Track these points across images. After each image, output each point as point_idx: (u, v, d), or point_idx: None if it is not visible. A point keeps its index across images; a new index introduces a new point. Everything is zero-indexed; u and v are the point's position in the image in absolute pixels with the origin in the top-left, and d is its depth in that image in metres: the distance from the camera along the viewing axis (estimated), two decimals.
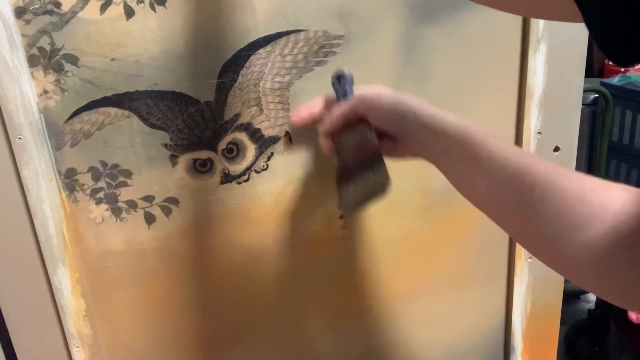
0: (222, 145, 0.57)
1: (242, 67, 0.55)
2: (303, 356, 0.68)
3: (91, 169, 0.55)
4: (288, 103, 0.57)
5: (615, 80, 1.88)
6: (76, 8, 0.49)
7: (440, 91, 0.62)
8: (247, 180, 0.59)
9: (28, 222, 0.54)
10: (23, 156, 0.52)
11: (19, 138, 0.51)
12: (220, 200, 0.59)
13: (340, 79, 0.54)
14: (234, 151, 0.57)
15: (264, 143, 0.58)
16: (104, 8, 0.50)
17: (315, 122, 0.56)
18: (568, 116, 0.66)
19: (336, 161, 0.54)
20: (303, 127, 0.57)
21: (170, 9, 0.51)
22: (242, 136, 0.57)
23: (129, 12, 0.51)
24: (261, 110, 0.57)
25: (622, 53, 0.26)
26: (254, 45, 0.54)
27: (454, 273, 0.70)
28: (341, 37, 0.57)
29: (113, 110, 0.53)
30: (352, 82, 0.54)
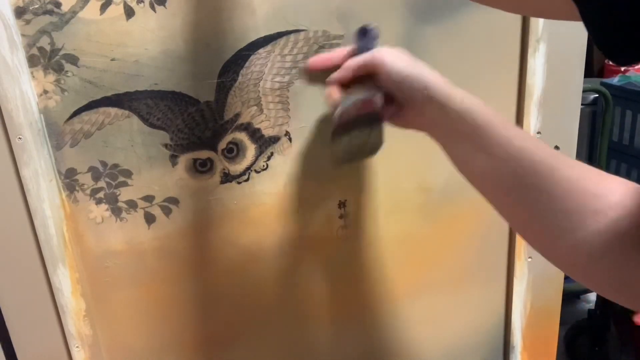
0: (222, 145, 0.57)
1: (242, 67, 0.55)
2: (303, 356, 0.68)
3: (91, 169, 0.55)
4: (288, 103, 0.57)
5: (615, 80, 1.88)
6: (76, 8, 0.49)
7: None
8: (247, 180, 0.59)
9: (28, 222, 0.54)
10: (23, 156, 0.52)
11: (19, 138, 0.51)
12: (220, 200, 0.59)
13: (364, 33, 0.53)
14: (234, 151, 0.57)
15: (264, 143, 0.58)
16: (104, 8, 0.50)
17: (330, 69, 0.54)
18: (568, 116, 0.66)
19: (337, 112, 0.53)
20: (314, 70, 0.54)
21: (170, 9, 0.51)
22: (242, 136, 0.57)
23: (129, 12, 0.51)
24: (261, 110, 0.57)
25: (620, 52, 0.26)
26: (254, 45, 0.55)
27: (454, 273, 0.70)
28: (341, 37, 0.57)
29: (113, 110, 0.53)
30: (375, 39, 0.53)
